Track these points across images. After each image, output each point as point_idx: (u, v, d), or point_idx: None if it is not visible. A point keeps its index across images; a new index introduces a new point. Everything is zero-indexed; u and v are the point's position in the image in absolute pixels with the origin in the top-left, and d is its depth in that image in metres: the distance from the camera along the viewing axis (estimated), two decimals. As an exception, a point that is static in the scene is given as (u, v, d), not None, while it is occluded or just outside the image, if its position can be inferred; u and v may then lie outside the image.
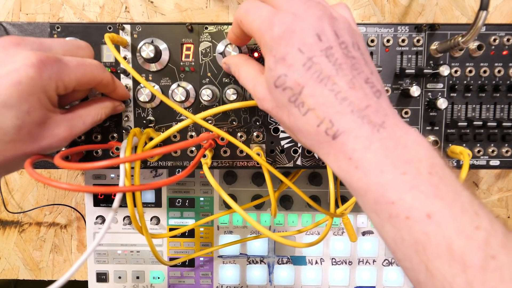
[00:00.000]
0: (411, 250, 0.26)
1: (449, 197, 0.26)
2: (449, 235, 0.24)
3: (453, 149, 0.46)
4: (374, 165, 0.27)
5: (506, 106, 0.47)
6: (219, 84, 0.47)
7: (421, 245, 0.25)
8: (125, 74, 0.46)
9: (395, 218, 0.26)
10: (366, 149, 0.27)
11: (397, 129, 0.28)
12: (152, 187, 0.32)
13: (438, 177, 0.27)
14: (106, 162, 0.32)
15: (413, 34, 0.46)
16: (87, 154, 0.47)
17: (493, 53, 0.46)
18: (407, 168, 0.27)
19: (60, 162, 0.33)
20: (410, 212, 0.25)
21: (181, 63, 0.46)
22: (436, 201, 0.25)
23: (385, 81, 0.47)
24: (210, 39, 0.46)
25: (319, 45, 0.29)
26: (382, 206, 0.27)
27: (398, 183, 0.26)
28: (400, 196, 0.26)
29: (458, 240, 0.24)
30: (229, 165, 0.48)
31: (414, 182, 0.26)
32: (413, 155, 0.27)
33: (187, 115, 0.38)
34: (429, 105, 0.47)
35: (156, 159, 0.46)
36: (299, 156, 0.48)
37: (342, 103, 0.28)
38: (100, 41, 0.46)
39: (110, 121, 0.47)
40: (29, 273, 0.68)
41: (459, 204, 0.26)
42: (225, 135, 0.40)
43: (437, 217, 0.25)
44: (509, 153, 0.48)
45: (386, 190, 0.26)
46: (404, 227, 0.26)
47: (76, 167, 0.30)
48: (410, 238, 0.26)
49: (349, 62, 0.29)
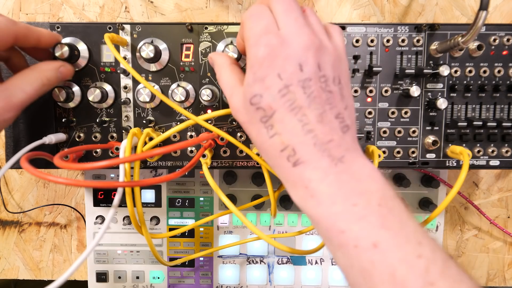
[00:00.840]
0: (359, 276, 0.27)
1: (395, 227, 0.27)
2: (393, 263, 0.26)
3: (453, 149, 0.46)
4: (327, 196, 0.29)
5: (506, 106, 0.47)
6: (218, 84, 0.47)
7: (367, 272, 0.27)
8: (125, 74, 0.46)
9: (345, 247, 0.28)
10: (321, 180, 0.29)
11: (354, 163, 0.30)
12: (150, 183, 0.32)
13: (387, 208, 0.28)
14: (106, 162, 0.32)
15: (413, 34, 0.46)
16: (87, 154, 0.47)
17: (493, 53, 0.46)
18: (358, 200, 0.28)
19: (60, 162, 0.33)
20: (358, 241, 0.27)
21: (181, 63, 0.46)
22: (382, 231, 0.27)
23: (385, 81, 0.47)
24: (210, 39, 0.46)
25: (298, 75, 0.30)
26: (333, 234, 0.28)
27: (348, 214, 0.28)
28: (349, 226, 0.28)
29: (400, 268, 0.26)
30: (229, 165, 0.48)
31: (363, 213, 0.28)
32: (366, 188, 0.29)
33: (189, 116, 0.38)
34: (429, 105, 0.47)
35: (156, 159, 0.46)
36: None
37: (307, 134, 0.30)
38: (100, 41, 0.46)
39: (109, 121, 0.47)
40: (29, 273, 0.68)
41: (404, 234, 0.27)
42: (225, 135, 0.40)
43: (383, 246, 0.26)
44: (509, 153, 0.48)
45: (336, 220, 0.28)
46: (353, 255, 0.27)
47: (76, 167, 0.30)
48: (358, 266, 0.27)
49: (324, 96, 0.30)
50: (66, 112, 0.47)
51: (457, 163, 0.48)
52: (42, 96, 0.46)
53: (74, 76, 0.46)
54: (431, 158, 0.48)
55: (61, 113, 0.47)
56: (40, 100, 0.46)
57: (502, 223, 0.66)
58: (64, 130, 0.47)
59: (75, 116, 0.47)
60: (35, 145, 0.41)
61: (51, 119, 0.47)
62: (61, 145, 0.47)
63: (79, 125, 0.47)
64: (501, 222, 0.66)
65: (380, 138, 0.48)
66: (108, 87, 0.46)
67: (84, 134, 0.47)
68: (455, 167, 0.48)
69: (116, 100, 0.47)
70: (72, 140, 0.47)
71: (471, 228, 0.66)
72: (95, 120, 0.47)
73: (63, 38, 0.45)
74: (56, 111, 0.47)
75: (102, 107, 0.47)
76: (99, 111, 0.47)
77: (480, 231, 0.67)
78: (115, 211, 0.34)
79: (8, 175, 0.65)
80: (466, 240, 0.67)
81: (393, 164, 0.48)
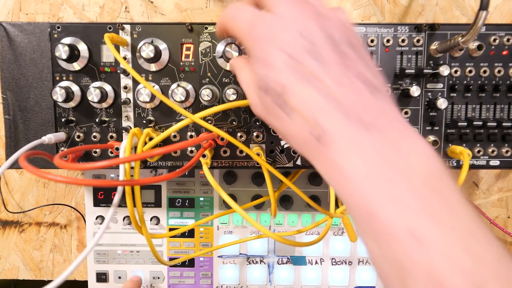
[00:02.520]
0: (390, 270, 0.23)
1: (441, 212, 0.23)
2: (432, 257, 0.21)
3: (453, 149, 0.46)
4: (358, 169, 0.24)
5: (506, 106, 0.47)
6: (219, 84, 0.47)
7: (400, 265, 0.22)
8: (125, 74, 0.46)
9: (376, 233, 0.24)
10: (351, 151, 0.25)
11: (393, 130, 0.25)
12: (150, 181, 0.32)
13: (433, 188, 0.23)
14: (106, 162, 0.31)
15: (413, 34, 0.46)
16: (86, 154, 0.47)
17: (493, 53, 0.46)
18: (395, 175, 0.23)
19: (60, 162, 0.33)
20: (391, 226, 0.23)
21: (181, 63, 0.46)
22: (423, 216, 0.22)
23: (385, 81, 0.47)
24: (210, 39, 0.46)
25: (301, 42, 0.27)
26: (362, 216, 0.24)
27: (382, 192, 0.23)
28: (381, 208, 0.23)
29: (441, 264, 0.21)
30: (229, 165, 0.48)
31: (400, 192, 0.23)
32: (407, 161, 0.24)
33: (186, 115, 0.38)
34: (429, 105, 0.47)
35: (156, 159, 0.46)
36: (299, 156, 0.48)
37: (326, 99, 0.25)
38: (100, 41, 0.46)
39: (109, 121, 0.47)
40: (29, 273, 0.68)
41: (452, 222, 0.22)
42: (225, 135, 0.40)
43: (422, 235, 0.22)
44: (509, 153, 0.48)
45: (367, 200, 0.24)
46: (384, 243, 0.23)
47: (76, 167, 0.30)
48: (391, 257, 0.23)
49: (336, 57, 0.27)
50: (65, 112, 0.47)
51: (457, 163, 0.48)
52: (42, 96, 0.47)
53: (74, 76, 0.46)
54: (431, 158, 0.48)
55: (61, 113, 0.47)
56: (40, 101, 0.47)
57: (502, 223, 0.66)
58: (64, 130, 0.47)
59: (75, 116, 0.47)
60: (35, 144, 0.41)
61: (51, 119, 0.47)
62: (60, 144, 0.47)
63: (79, 125, 0.47)
64: (501, 222, 0.66)
65: (380, 138, 0.48)
66: (108, 87, 0.46)
67: (83, 134, 0.47)
68: (455, 167, 0.48)
69: (116, 100, 0.47)
70: (71, 140, 0.47)
71: None
72: (94, 120, 0.47)
73: (63, 38, 0.45)
74: (56, 111, 0.47)
75: (102, 107, 0.47)
76: (99, 111, 0.47)
77: None
78: (115, 211, 0.34)
79: (8, 175, 0.65)
80: None
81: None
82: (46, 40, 0.46)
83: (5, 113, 0.47)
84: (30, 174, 0.64)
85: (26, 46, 0.46)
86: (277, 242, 0.62)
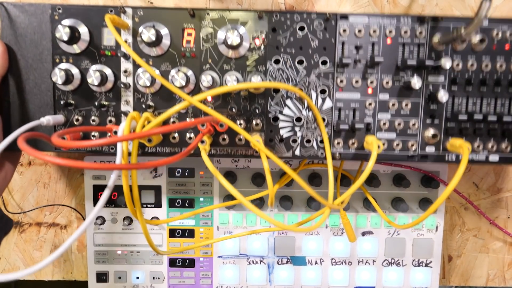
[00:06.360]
0: None
1: None
2: None
3: (453, 142, 0.46)
4: None
5: (507, 101, 0.47)
6: (219, 71, 0.46)
7: None
8: (126, 58, 0.46)
9: None
10: None
11: None
12: (148, 166, 0.32)
13: None
14: (104, 140, 0.31)
15: (416, 26, 0.46)
16: (84, 138, 0.47)
17: (495, 48, 0.46)
18: None
19: (58, 140, 0.32)
20: None
21: (182, 48, 0.46)
22: None
23: (386, 72, 0.47)
24: (212, 25, 0.46)
25: None
26: None
27: None
28: None
29: None
30: (228, 152, 0.47)
31: None
32: None
33: (185, 97, 0.38)
34: (430, 98, 0.47)
35: (154, 144, 0.46)
36: (298, 146, 0.48)
37: None
38: (101, 24, 0.45)
39: (108, 105, 0.46)
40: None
41: None
42: (223, 118, 0.39)
43: None
44: (509, 149, 0.47)
45: None
46: None
47: (73, 145, 0.30)
48: None
49: None
50: (65, 94, 0.46)
51: (457, 158, 0.48)
52: (41, 78, 0.46)
53: (74, 58, 0.46)
54: (431, 152, 0.48)
55: (60, 96, 0.46)
56: (40, 83, 0.46)
57: (502, 223, 0.65)
58: (63, 113, 0.46)
59: (74, 99, 0.46)
60: (32, 125, 0.41)
61: (50, 101, 0.46)
62: (59, 128, 0.47)
63: (78, 108, 0.47)
64: (501, 223, 0.65)
65: (379, 129, 0.47)
66: (108, 70, 0.46)
67: (82, 118, 0.46)
68: (455, 161, 0.48)
69: (115, 84, 0.46)
70: (70, 123, 0.47)
71: (471, 229, 0.66)
72: (94, 104, 0.46)
73: (64, 20, 0.45)
74: (55, 93, 0.46)
75: (101, 91, 0.46)
76: (98, 94, 0.46)
77: (480, 231, 0.66)
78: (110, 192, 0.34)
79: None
80: (466, 240, 0.66)
81: (392, 157, 0.48)
82: (47, 21, 0.45)
83: (4, 95, 0.46)
84: (30, 174, 0.64)
85: (27, 27, 0.45)
86: (277, 242, 0.62)
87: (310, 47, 0.46)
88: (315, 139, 0.48)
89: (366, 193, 0.58)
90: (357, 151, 0.48)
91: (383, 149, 0.48)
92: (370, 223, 0.62)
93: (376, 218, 0.61)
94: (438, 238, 0.62)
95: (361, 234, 0.62)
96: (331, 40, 0.46)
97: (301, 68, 0.46)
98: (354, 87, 0.47)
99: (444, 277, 0.68)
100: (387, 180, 0.60)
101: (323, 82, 0.47)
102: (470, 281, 0.68)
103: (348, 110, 0.47)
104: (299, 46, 0.46)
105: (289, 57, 0.46)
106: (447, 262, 0.67)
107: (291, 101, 0.47)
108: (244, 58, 0.46)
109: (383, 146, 0.47)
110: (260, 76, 0.46)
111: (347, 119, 0.47)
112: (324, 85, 0.47)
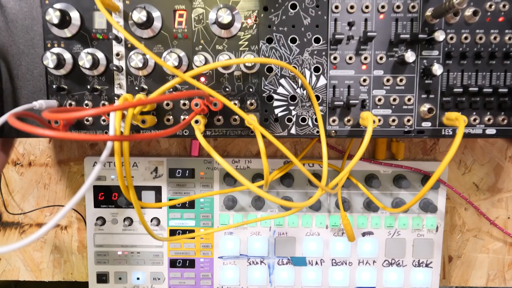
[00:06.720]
0: None
1: None
2: None
3: (449, 115, 0.46)
4: None
5: (502, 73, 0.47)
6: (212, 51, 0.46)
7: None
8: (117, 41, 0.46)
9: None
10: None
11: None
12: (142, 138, 0.32)
13: None
14: (97, 109, 0.30)
15: (408, 0, 0.45)
16: (78, 123, 0.46)
17: (489, 20, 0.46)
18: None
19: (48, 114, 0.32)
20: None
21: (173, 30, 0.46)
22: None
23: (380, 48, 0.46)
24: (203, 6, 0.45)
25: None
26: None
27: None
28: None
29: None
30: (223, 133, 0.47)
31: None
32: None
33: (177, 74, 0.37)
34: (425, 72, 0.46)
35: (148, 126, 0.45)
36: (293, 125, 0.47)
37: None
38: (92, 8, 0.45)
39: (101, 89, 0.46)
40: (29, 274, 0.67)
41: None
42: (216, 94, 0.39)
43: None
44: (506, 122, 0.47)
45: None
46: None
47: (64, 117, 0.30)
48: None
49: None
50: (57, 79, 0.46)
51: (453, 132, 0.48)
52: (34, 64, 0.46)
53: (66, 43, 0.46)
54: (427, 127, 0.48)
55: (53, 81, 0.46)
56: (32, 68, 0.46)
57: (502, 223, 0.65)
58: (56, 98, 0.46)
59: (67, 84, 0.46)
60: (25, 108, 0.41)
61: (43, 87, 0.46)
62: (52, 113, 0.46)
63: (71, 93, 0.46)
64: (501, 223, 0.65)
65: (375, 106, 0.47)
66: (100, 54, 0.46)
67: (75, 102, 0.46)
68: (451, 135, 0.48)
69: (108, 68, 0.46)
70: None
71: (471, 229, 0.66)
72: (87, 88, 0.46)
73: (55, 4, 0.45)
74: (48, 78, 0.46)
75: (93, 75, 0.46)
76: (91, 78, 0.46)
77: (480, 231, 0.66)
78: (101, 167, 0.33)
79: (9, 176, 0.64)
80: (466, 240, 0.66)
81: (388, 132, 0.48)
82: (38, 6, 0.45)
83: (-4, 81, 0.46)
84: (30, 175, 0.64)
85: (18, 12, 0.45)
86: (277, 243, 0.62)
87: (303, 25, 0.46)
88: (310, 117, 0.47)
89: (367, 193, 0.58)
90: (353, 128, 0.48)
91: (378, 124, 0.47)
92: (371, 223, 0.61)
93: (376, 219, 0.61)
94: (438, 239, 0.62)
95: (362, 234, 0.62)
96: (324, 17, 0.46)
97: (294, 46, 0.46)
98: (348, 63, 0.47)
99: (445, 277, 0.68)
100: (387, 181, 0.60)
101: (316, 59, 0.46)
102: (470, 282, 0.68)
103: (342, 88, 0.47)
104: (292, 24, 0.46)
105: (282, 36, 0.46)
106: (447, 262, 0.67)
107: (285, 80, 0.47)
108: (236, 38, 0.46)
109: (379, 122, 0.47)
110: (253, 55, 0.46)
111: (342, 96, 0.47)
112: (318, 62, 0.46)
